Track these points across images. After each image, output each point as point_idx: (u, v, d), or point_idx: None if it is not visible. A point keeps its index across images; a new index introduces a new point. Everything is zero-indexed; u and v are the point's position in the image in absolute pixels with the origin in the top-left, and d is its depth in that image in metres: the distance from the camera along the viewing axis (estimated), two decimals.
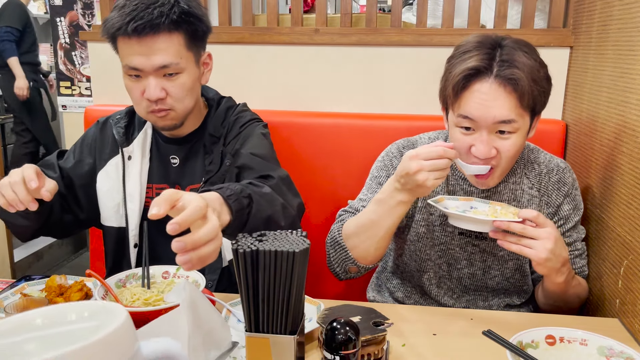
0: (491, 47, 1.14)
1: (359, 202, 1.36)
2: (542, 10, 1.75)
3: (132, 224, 1.36)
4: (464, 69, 1.12)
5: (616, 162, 1.30)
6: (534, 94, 1.13)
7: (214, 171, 1.30)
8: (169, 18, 1.17)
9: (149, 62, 1.19)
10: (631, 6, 1.26)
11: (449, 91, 1.15)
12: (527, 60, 1.12)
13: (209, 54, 1.34)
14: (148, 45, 1.18)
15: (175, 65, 1.21)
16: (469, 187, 1.29)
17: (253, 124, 1.38)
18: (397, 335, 1.06)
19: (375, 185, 1.36)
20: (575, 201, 1.30)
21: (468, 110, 1.13)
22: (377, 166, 1.39)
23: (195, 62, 1.27)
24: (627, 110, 1.25)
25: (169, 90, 1.23)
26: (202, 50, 1.30)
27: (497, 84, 1.11)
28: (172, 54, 1.20)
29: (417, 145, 1.36)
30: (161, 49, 1.19)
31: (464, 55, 1.15)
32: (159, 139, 1.39)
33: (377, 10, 1.77)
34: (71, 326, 0.55)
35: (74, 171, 1.39)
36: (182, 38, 1.22)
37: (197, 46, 1.27)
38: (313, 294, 1.14)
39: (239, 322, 1.07)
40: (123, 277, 1.17)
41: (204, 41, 1.30)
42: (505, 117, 1.12)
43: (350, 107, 1.80)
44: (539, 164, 1.30)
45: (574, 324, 1.11)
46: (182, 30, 1.21)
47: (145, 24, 1.15)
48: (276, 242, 0.84)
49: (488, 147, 1.14)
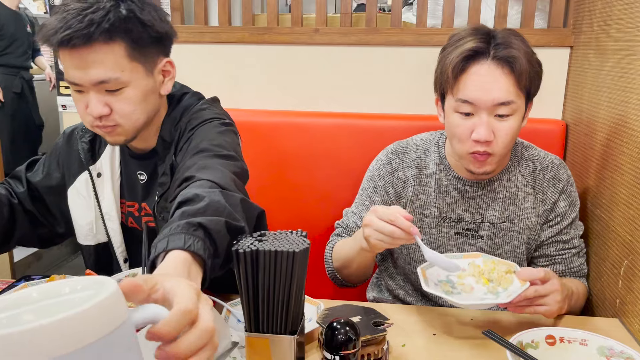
0: (485, 33, 1.16)
1: (351, 216, 1.39)
2: (542, 10, 1.75)
3: (117, 242, 1.30)
4: (462, 51, 1.14)
5: (616, 162, 1.30)
6: (530, 74, 1.15)
7: (167, 184, 1.17)
8: (100, 27, 1.02)
9: (86, 77, 1.05)
10: (631, 6, 1.26)
11: (447, 75, 1.16)
12: (520, 44, 1.15)
13: (168, 60, 1.18)
14: (82, 58, 1.04)
15: (116, 80, 1.07)
16: (462, 186, 1.30)
17: (207, 124, 1.19)
18: (397, 335, 1.06)
19: (364, 197, 1.38)
20: (571, 197, 1.30)
21: (467, 94, 1.14)
22: (367, 176, 1.40)
23: (145, 73, 1.12)
24: (627, 110, 1.25)
25: (112, 106, 1.09)
26: (156, 58, 1.14)
27: (495, 65, 1.13)
28: (110, 67, 1.06)
29: (407, 149, 1.36)
30: (96, 61, 1.04)
31: (459, 42, 1.16)
32: (126, 153, 1.28)
33: (377, 10, 1.78)
34: (66, 297, 0.57)
35: (42, 184, 1.32)
36: (122, 47, 1.06)
37: (144, 55, 1.11)
38: (313, 294, 1.14)
39: (239, 322, 1.07)
40: (123, 277, 1.17)
41: (159, 48, 1.15)
42: (505, 98, 1.13)
43: (349, 107, 1.80)
44: (533, 161, 1.30)
45: (574, 324, 1.11)
46: (121, 39, 1.06)
47: (72, 34, 1.01)
48: (276, 242, 0.84)
49: (488, 130, 1.14)
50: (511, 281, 1.09)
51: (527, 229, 1.29)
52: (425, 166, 1.33)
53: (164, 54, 1.17)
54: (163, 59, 1.16)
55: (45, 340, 0.46)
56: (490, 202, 1.29)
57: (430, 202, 1.31)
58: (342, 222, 1.40)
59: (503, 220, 1.29)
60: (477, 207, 1.29)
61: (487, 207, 1.29)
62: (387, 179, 1.34)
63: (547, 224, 1.29)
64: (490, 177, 1.28)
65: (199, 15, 1.85)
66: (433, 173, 1.32)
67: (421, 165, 1.33)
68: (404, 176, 1.33)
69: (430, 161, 1.33)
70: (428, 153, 1.34)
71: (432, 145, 1.35)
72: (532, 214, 1.28)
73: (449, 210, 1.31)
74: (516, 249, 1.30)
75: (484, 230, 1.30)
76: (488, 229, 1.29)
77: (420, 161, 1.33)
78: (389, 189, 1.34)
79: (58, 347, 0.46)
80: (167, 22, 1.16)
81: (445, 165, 1.31)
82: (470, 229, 1.30)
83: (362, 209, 1.36)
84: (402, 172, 1.33)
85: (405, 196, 1.33)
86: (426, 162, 1.33)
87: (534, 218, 1.29)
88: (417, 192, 1.33)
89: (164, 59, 1.17)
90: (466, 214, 1.30)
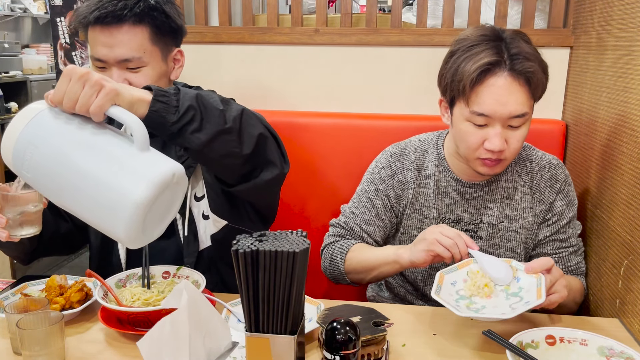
0: (495, 38, 1.15)
1: (351, 218, 1.37)
2: (542, 10, 1.75)
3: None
4: (480, 64, 1.12)
5: (616, 162, 1.30)
6: (544, 85, 1.16)
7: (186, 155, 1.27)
8: (132, 11, 1.19)
9: (111, 54, 1.20)
10: (631, 6, 1.26)
11: (463, 86, 1.14)
12: (532, 51, 1.14)
13: (179, 50, 1.33)
14: (112, 36, 1.19)
15: (138, 60, 1.21)
16: (461, 187, 1.30)
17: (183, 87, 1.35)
18: (397, 335, 1.06)
19: (365, 199, 1.36)
20: (569, 197, 1.30)
21: (484, 108, 1.13)
22: (367, 178, 1.39)
23: (161, 57, 1.26)
24: (627, 111, 1.25)
25: (131, 80, 1.22)
26: (171, 47, 1.30)
27: (512, 78, 1.12)
28: (135, 47, 1.20)
29: (406, 151, 1.35)
30: (124, 40, 1.20)
31: (471, 50, 1.14)
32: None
33: (377, 11, 1.77)
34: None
35: None
36: (147, 32, 1.22)
37: (163, 41, 1.26)
38: (313, 294, 1.14)
39: (239, 322, 1.08)
40: (123, 277, 1.17)
41: (174, 38, 1.30)
42: (520, 111, 1.13)
43: (350, 107, 1.80)
44: (530, 162, 1.31)
45: (574, 324, 1.11)
46: (147, 23, 1.22)
47: (107, 13, 1.17)
48: (276, 242, 0.85)
49: (502, 141, 1.15)
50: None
51: (524, 228, 1.29)
52: (424, 167, 1.33)
53: (176, 45, 1.32)
54: (175, 48, 1.31)
55: None
56: (488, 203, 1.29)
57: (430, 204, 1.32)
58: (345, 224, 1.37)
59: (501, 221, 1.29)
60: (475, 207, 1.30)
61: (486, 208, 1.29)
62: (387, 182, 1.34)
63: (544, 224, 1.29)
64: (489, 179, 1.28)
65: (199, 15, 1.85)
66: (432, 174, 1.31)
67: (420, 167, 1.33)
68: (403, 179, 1.33)
69: (429, 162, 1.33)
70: (427, 154, 1.34)
71: (431, 147, 1.34)
72: (529, 214, 1.29)
73: (448, 211, 1.31)
74: (514, 249, 1.30)
75: (483, 230, 1.30)
76: (487, 229, 1.30)
77: (419, 162, 1.33)
78: (390, 192, 1.34)
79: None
80: (181, 19, 1.31)
81: (444, 166, 1.31)
82: (469, 229, 1.30)
83: (364, 211, 1.35)
84: (401, 174, 1.33)
85: (406, 198, 1.33)
86: (425, 163, 1.33)
87: (531, 218, 1.29)
88: (416, 194, 1.33)
89: (175, 48, 1.32)
90: (465, 214, 1.30)
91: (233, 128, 1.05)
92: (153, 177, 0.82)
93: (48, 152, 0.84)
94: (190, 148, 1.02)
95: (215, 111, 1.03)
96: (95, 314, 1.09)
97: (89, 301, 1.11)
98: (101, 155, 0.84)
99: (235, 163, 1.09)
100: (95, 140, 0.85)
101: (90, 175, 0.82)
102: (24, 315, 0.93)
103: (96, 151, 0.84)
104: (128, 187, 0.81)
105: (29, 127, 0.84)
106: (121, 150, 0.85)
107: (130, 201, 0.80)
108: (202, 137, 1.00)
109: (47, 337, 0.91)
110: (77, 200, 0.84)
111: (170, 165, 0.86)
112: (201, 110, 1.00)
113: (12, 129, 0.85)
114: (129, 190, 0.81)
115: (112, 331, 1.05)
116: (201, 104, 1.00)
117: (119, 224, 0.82)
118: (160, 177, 0.83)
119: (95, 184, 0.82)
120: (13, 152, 0.85)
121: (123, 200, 0.81)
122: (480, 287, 1.09)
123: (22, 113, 0.87)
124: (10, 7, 4.87)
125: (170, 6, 1.27)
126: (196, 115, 0.99)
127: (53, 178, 0.84)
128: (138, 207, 0.81)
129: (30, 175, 0.86)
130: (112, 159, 0.83)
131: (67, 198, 0.85)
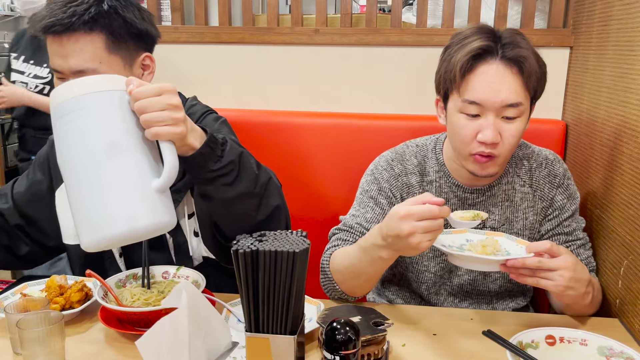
0: (490, 32, 1.15)
1: (352, 219, 1.31)
2: (542, 10, 1.75)
3: None
4: (470, 49, 1.11)
5: (616, 162, 1.30)
6: (538, 75, 1.14)
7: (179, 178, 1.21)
8: (82, 19, 1.09)
9: (65, 65, 1.11)
10: (631, 6, 1.26)
11: (454, 74, 1.13)
12: (527, 44, 1.14)
13: (148, 55, 1.22)
14: (63, 46, 1.11)
15: (93, 71, 1.11)
16: (462, 193, 1.28)
17: (207, 116, 1.29)
18: (397, 335, 1.06)
19: (367, 199, 1.31)
20: (569, 190, 1.29)
21: (475, 95, 1.12)
22: (367, 180, 1.35)
23: (124, 66, 1.16)
24: (627, 110, 1.25)
25: None
26: (137, 53, 1.19)
27: (504, 65, 1.11)
28: (88, 58, 1.11)
29: (406, 155, 1.32)
30: (76, 50, 1.11)
31: (464, 40, 1.14)
32: None
33: (377, 10, 1.78)
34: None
35: (28, 193, 1.31)
36: (102, 40, 1.12)
37: (124, 49, 1.16)
38: (313, 294, 1.14)
39: (239, 322, 1.08)
40: (123, 277, 1.17)
41: (139, 44, 1.19)
42: (513, 100, 1.11)
43: (350, 107, 1.80)
44: (528, 160, 1.30)
45: (574, 324, 1.12)
46: (100, 31, 1.12)
47: (56, 22, 1.09)
48: (276, 242, 0.85)
49: (495, 132, 1.12)
50: (517, 248, 1.07)
51: (526, 229, 1.29)
52: (427, 173, 1.30)
53: (145, 50, 1.21)
54: (142, 53, 1.21)
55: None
56: (490, 207, 1.28)
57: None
58: (345, 225, 1.32)
59: (502, 224, 1.28)
60: None
61: (488, 213, 1.28)
62: (392, 182, 1.30)
63: (545, 219, 1.29)
64: (490, 183, 1.27)
65: (199, 15, 1.85)
66: (433, 180, 1.30)
67: (423, 172, 1.30)
68: (408, 182, 1.30)
69: (430, 168, 1.30)
70: (427, 159, 1.31)
71: (429, 152, 1.32)
72: (531, 213, 1.28)
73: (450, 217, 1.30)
74: None
75: None
76: None
77: (422, 167, 1.31)
78: (395, 192, 1.30)
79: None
80: (149, 22, 1.21)
81: (444, 172, 1.29)
82: None
83: (367, 210, 1.30)
84: (405, 177, 1.30)
85: None
86: (426, 168, 1.31)
87: (532, 217, 1.28)
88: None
89: (143, 53, 1.21)
90: None
91: (258, 194, 1.05)
92: (137, 225, 0.82)
93: (88, 127, 0.83)
94: (212, 197, 1.01)
95: (251, 174, 1.03)
96: (95, 314, 1.09)
97: (89, 301, 1.11)
98: (120, 166, 0.83)
99: (245, 224, 1.06)
100: (129, 150, 0.84)
101: (98, 177, 0.82)
102: (24, 315, 0.93)
103: (121, 160, 0.83)
104: (113, 216, 0.81)
105: (98, 95, 0.83)
106: (141, 176, 0.84)
107: (105, 228, 0.81)
108: (229, 193, 1.00)
109: (47, 337, 0.91)
110: (71, 180, 0.84)
111: (166, 219, 0.85)
112: (239, 168, 1.00)
113: (86, 84, 0.84)
114: (110, 220, 0.81)
115: (112, 331, 1.05)
116: (241, 163, 1.01)
117: (85, 232, 0.83)
118: (144, 229, 0.83)
119: (95, 185, 0.82)
120: (65, 101, 0.83)
121: (101, 221, 0.81)
122: (478, 246, 1.08)
123: (105, 78, 0.87)
124: (10, 7, 4.87)
125: (130, 10, 1.16)
126: (233, 171, 0.99)
127: (71, 149, 0.83)
128: (109, 240, 0.82)
129: (60, 131, 0.84)
130: (127, 178, 0.83)
131: (67, 172, 0.85)
